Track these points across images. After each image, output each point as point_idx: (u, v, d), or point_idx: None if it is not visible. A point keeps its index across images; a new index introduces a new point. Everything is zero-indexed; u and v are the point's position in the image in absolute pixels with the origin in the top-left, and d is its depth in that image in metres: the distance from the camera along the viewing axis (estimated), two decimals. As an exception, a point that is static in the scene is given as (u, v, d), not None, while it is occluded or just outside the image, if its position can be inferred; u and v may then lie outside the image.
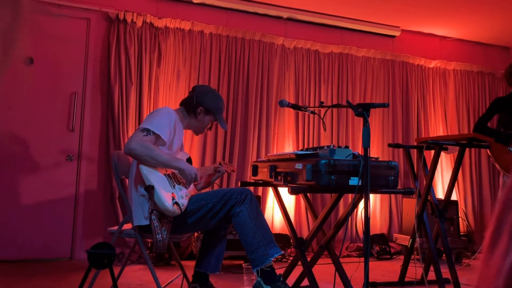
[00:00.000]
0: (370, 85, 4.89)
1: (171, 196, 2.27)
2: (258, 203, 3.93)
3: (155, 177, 2.28)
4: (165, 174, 2.35)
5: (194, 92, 2.56)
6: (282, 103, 2.56)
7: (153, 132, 2.27)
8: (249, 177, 3.13)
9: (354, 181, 2.09)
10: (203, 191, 2.63)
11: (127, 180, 2.52)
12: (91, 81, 3.98)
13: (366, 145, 2.03)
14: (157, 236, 2.22)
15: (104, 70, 4.00)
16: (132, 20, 4.00)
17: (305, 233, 4.29)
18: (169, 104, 4.08)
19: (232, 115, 4.31)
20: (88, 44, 3.98)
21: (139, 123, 3.93)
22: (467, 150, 4.93)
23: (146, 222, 2.27)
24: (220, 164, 2.76)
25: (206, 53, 4.28)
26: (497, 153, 3.19)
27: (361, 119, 2.08)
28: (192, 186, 2.45)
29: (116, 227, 2.51)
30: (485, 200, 5.15)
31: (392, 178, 2.18)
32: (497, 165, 3.21)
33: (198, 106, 2.51)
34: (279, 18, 4.61)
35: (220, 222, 2.39)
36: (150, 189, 2.23)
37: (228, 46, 4.37)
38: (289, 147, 4.46)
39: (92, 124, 3.95)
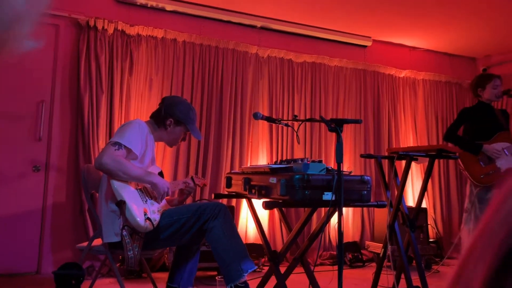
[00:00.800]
0: (342, 95, 4.95)
1: (143, 211, 2.22)
2: (232, 214, 3.92)
3: (127, 192, 2.23)
4: (136, 189, 2.30)
5: (163, 104, 2.52)
6: (256, 116, 2.55)
7: (125, 146, 2.22)
8: (223, 189, 3.11)
9: (327, 196, 2.10)
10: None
11: (97, 194, 2.46)
12: (60, 89, 3.86)
13: (339, 161, 2.05)
14: (129, 253, 2.17)
15: (74, 78, 3.89)
16: (103, 27, 3.92)
17: (279, 244, 4.29)
18: (141, 114, 4.01)
19: (206, 125, 4.28)
20: (57, 51, 3.87)
21: (110, 133, 3.85)
22: (436, 159, 5.05)
23: (117, 239, 2.21)
24: (192, 178, 2.72)
25: (179, 61, 4.24)
26: (467, 163, 3.28)
27: (335, 131, 2.10)
28: (164, 200, 2.41)
29: (85, 243, 2.43)
30: (453, 207, 5.29)
31: (365, 192, 2.20)
32: (466, 174, 3.30)
33: (167, 118, 2.46)
34: (253, 27, 4.61)
35: (193, 237, 2.36)
36: (121, 204, 2.18)
37: (201, 55, 4.34)
38: (263, 158, 4.46)
39: (60, 133, 3.84)
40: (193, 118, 2.54)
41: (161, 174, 2.52)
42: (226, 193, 2.91)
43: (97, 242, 2.38)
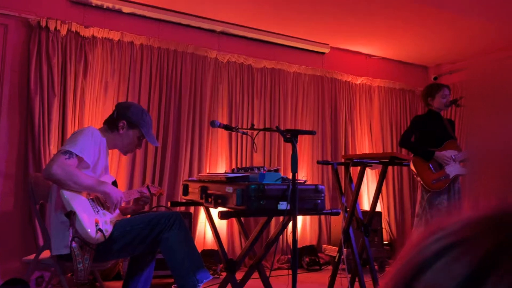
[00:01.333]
0: (301, 100, 5.02)
1: (94, 222, 2.16)
2: (190, 220, 3.88)
3: (77, 202, 2.16)
4: (88, 199, 2.23)
5: (116, 108, 2.46)
6: (213, 124, 2.54)
7: (76, 155, 2.15)
8: (181, 196, 3.07)
9: (282, 205, 2.12)
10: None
11: (46, 204, 2.36)
12: (8, 92, 3.68)
13: (294, 171, 2.07)
14: (78, 266, 2.10)
15: (23, 81, 3.72)
16: (55, 28, 3.77)
17: (238, 249, 4.29)
18: (96, 118, 3.90)
19: (164, 131, 4.21)
20: (5, 52, 3.68)
21: (63, 137, 3.71)
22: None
23: (67, 251, 2.13)
24: (147, 187, 2.66)
25: (136, 64, 4.15)
26: (419, 168, 3.40)
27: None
28: (118, 211, 2.35)
29: (33, 256, 2.33)
30: (406, 210, 5.49)
31: (320, 201, 2.24)
32: (418, 179, 3.43)
33: (120, 120, 2.40)
34: (212, 31, 4.59)
35: (147, 248, 2.31)
36: (70, 215, 2.11)
37: (159, 58, 4.27)
38: (222, 164, 4.44)
39: (9, 138, 3.65)
40: (147, 122, 2.48)
41: (114, 183, 2.46)
42: (183, 200, 2.89)
43: (46, 254, 2.29)
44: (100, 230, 2.13)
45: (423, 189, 3.42)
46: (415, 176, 3.50)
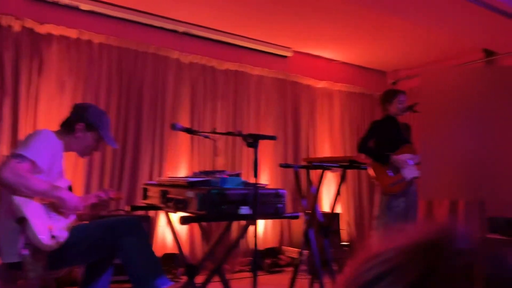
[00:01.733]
0: (264, 103, 5.04)
1: (48, 229, 2.07)
2: (150, 223, 3.81)
3: (30, 208, 2.06)
4: (42, 204, 2.14)
5: (73, 109, 2.38)
6: (174, 127, 2.50)
7: (28, 159, 2.05)
8: (140, 200, 3.00)
9: (244, 210, 2.12)
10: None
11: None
12: (-45, 89, 3.48)
13: (255, 176, 2.08)
14: (30, 274, 2.01)
15: (-28, 78, 3.53)
16: (8, 24, 3.60)
17: (198, 254, 4.25)
18: (51, 118, 3.74)
19: (123, 133, 4.11)
20: (-48, 48, 3.48)
21: (15, 139, 3.54)
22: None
23: (18, 259, 2.04)
24: (105, 191, 2.59)
25: (94, 64, 4.03)
26: (377, 173, 3.50)
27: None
28: (73, 216, 2.27)
29: (-20, 264, 2.20)
30: (364, 211, 5.63)
31: (281, 205, 2.26)
32: (377, 183, 3.53)
33: (77, 122, 2.31)
34: (174, 32, 4.53)
35: (104, 254, 2.25)
36: (22, 221, 2.01)
37: (119, 58, 4.17)
38: (184, 167, 4.38)
39: (-45, 138, 3.45)
40: (106, 123, 2.41)
41: (70, 188, 2.37)
42: (143, 205, 2.83)
43: (-5, 262, 2.17)
44: (54, 237, 2.05)
45: (381, 192, 3.52)
46: (373, 180, 3.59)
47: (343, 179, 3.37)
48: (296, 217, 2.45)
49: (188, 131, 2.53)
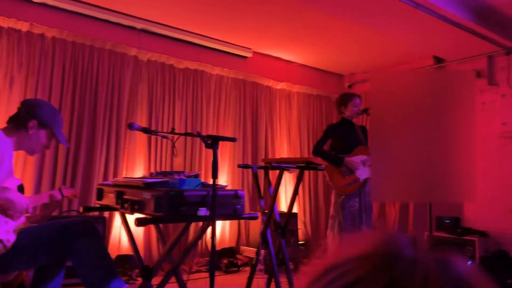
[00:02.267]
0: (223, 103, 5.03)
1: (-5, 232, 1.97)
2: (104, 224, 3.70)
3: (-26, 210, 1.96)
4: (-12, 206, 2.03)
5: (24, 105, 2.25)
6: (131, 127, 2.45)
7: (-27, 158, 1.95)
8: (94, 201, 2.92)
9: (202, 211, 2.11)
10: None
11: None
12: None
13: (215, 177, 2.08)
14: (-25, 280, 1.90)
15: None
16: (-49, 13, 3.39)
17: (155, 255, 4.18)
18: (-1, 114, 3.56)
19: (77, 130, 3.97)
20: None
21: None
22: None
23: (-39, 264, 1.93)
24: (59, 189, 2.49)
25: (47, 59, 3.86)
26: (331, 174, 3.59)
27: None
28: (22, 218, 2.17)
29: None
30: (320, 211, 5.76)
31: (239, 206, 2.27)
32: (331, 184, 3.61)
33: (29, 120, 2.21)
34: (132, 28, 4.43)
35: (55, 258, 2.17)
36: (-34, 224, 1.90)
37: (74, 53, 4.02)
38: (140, 168, 4.29)
39: None
40: (59, 122, 2.32)
41: (20, 187, 2.26)
42: (97, 205, 2.75)
43: None
44: (1, 241, 1.95)
45: (336, 193, 3.61)
46: (327, 181, 3.68)
47: (300, 179, 3.44)
48: (255, 218, 2.47)
49: (146, 130, 2.49)
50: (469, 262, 0.33)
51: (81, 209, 2.63)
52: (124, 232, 4.06)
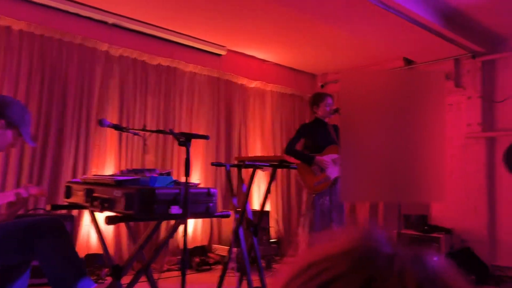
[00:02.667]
0: (196, 101, 5.00)
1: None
2: (72, 223, 3.62)
3: None
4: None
5: None
6: (102, 123, 2.41)
7: None
8: (62, 199, 2.85)
9: (174, 209, 2.10)
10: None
11: None
12: None
13: (187, 175, 2.07)
14: None
15: None
16: None
17: (125, 254, 4.11)
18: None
19: (44, 127, 3.85)
20: None
21: None
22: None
23: None
24: (26, 187, 2.42)
25: (13, 52, 3.74)
26: (303, 173, 3.62)
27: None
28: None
29: None
30: (292, 209, 5.80)
31: (211, 204, 2.26)
32: (303, 183, 3.65)
33: None
34: (103, 23, 4.33)
35: (20, 257, 2.10)
36: None
37: (42, 47, 3.90)
38: (110, 166, 4.21)
39: None
40: (28, 122, 2.26)
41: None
42: (66, 203, 2.69)
43: None
44: (-37, 239, 1.88)
45: (308, 191, 3.65)
46: (299, 180, 3.72)
47: (273, 177, 3.46)
48: (227, 216, 2.47)
49: (117, 127, 2.45)
50: (441, 258, 0.35)
51: (48, 207, 2.56)
52: (93, 230, 3.98)
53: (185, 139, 2.08)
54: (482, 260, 4.47)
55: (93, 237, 4.02)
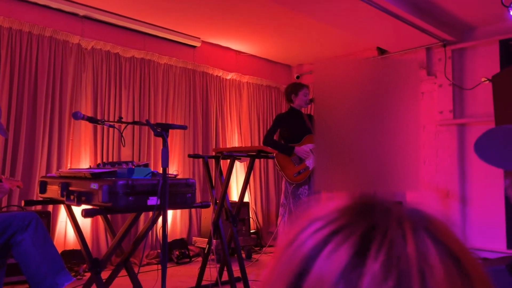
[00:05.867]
0: (172, 93, 4.95)
1: None
2: (48, 219, 3.55)
3: None
4: None
5: None
6: (76, 116, 2.38)
7: None
8: (36, 195, 2.79)
9: (152, 200, 2.09)
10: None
11: None
12: None
13: (165, 165, 2.06)
14: None
15: None
16: None
17: (103, 248, 4.07)
18: None
19: (16, 121, 3.75)
20: None
21: None
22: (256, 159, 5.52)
23: None
24: (0, 180, 2.36)
25: (-19, 45, 3.62)
26: (282, 163, 3.65)
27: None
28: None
29: None
30: (271, 200, 5.85)
31: (190, 195, 2.27)
32: (282, 173, 3.68)
33: None
34: (75, 15, 4.23)
35: (-4, 254, 2.06)
36: None
37: (11, 40, 3.79)
38: (86, 160, 4.15)
39: None
40: None
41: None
42: (40, 199, 2.64)
43: None
44: None
45: (287, 182, 3.68)
46: (278, 171, 3.75)
47: (251, 168, 3.48)
48: (207, 206, 2.48)
49: (91, 120, 2.41)
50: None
51: (22, 203, 2.50)
52: (70, 226, 3.92)
53: (162, 129, 2.07)
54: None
55: (70, 233, 3.96)
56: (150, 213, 3.19)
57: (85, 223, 3.98)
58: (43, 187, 2.55)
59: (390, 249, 0.32)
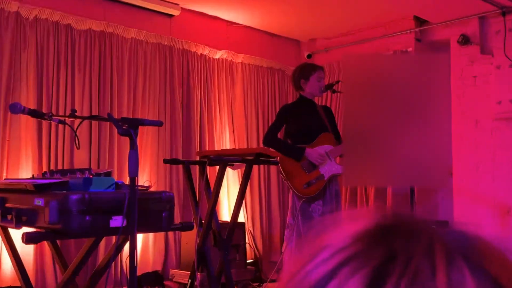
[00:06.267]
0: (142, 77, 4.96)
1: None
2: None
3: None
4: None
5: None
6: (14, 108, 2.39)
7: None
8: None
9: (117, 221, 2.10)
10: None
11: None
12: None
13: (133, 174, 2.06)
14: None
15: None
16: None
17: (52, 285, 4.08)
18: None
19: None
20: None
21: None
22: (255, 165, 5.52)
23: None
24: None
25: None
26: (289, 171, 3.64)
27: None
28: None
29: None
30: (274, 219, 5.86)
31: (166, 214, 2.27)
32: (289, 184, 3.67)
33: None
34: (12, -26, 4.24)
35: None
36: None
37: None
38: (27, 167, 4.17)
39: None
40: None
41: None
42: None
43: None
44: None
45: (295, 195, 3.66)
46: (284, 180, 3.74)
47: (247, 178, 3.48)
48: (189, 228, 2.49)
49: (35, 114, 2.43)
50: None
51: None
52: (6, 255, 3.92)
53: (129, 126, 2.07)
54: None
55: (6, 264, 3.96)
56: (114, 238, 3.20)
57: (27, 251, 3.99)
58: (-30, 204, 2.56)
59: (412, 283, 0.33)
